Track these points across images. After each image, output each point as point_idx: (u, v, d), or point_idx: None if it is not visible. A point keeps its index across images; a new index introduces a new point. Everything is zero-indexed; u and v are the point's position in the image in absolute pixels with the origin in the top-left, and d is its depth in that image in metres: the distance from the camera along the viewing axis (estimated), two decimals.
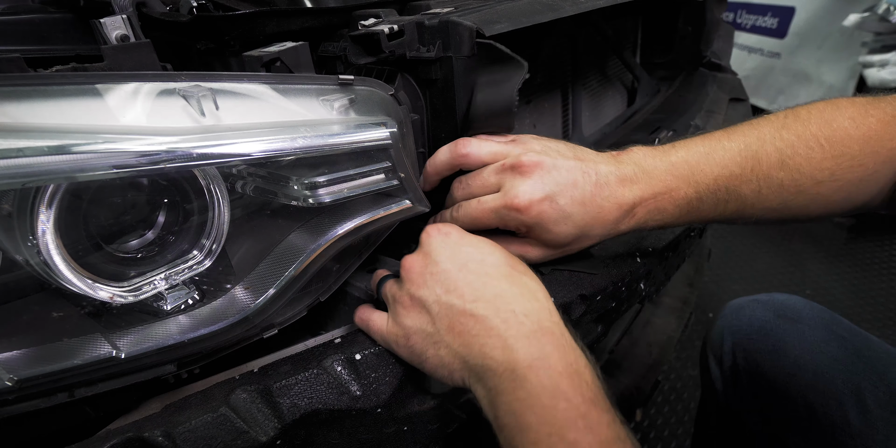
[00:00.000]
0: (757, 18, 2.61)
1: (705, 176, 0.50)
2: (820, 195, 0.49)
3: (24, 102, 0.34)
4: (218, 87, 0.41)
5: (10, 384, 0.36)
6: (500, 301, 0.43)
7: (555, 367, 0.39)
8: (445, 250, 0.47)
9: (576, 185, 0.50)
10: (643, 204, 0.51)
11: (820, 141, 0.48)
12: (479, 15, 0.54)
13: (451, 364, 0.43)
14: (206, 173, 0.44)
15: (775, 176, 0.49)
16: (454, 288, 0.44)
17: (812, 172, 0.49)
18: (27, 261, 0.38)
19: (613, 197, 0.50)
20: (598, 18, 0.97)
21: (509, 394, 0.39)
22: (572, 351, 0.41)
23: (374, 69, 0.57)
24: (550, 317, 0.43)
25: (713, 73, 1.19)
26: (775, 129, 0.50)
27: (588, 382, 0.39)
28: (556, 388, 0.38)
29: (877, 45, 2.01)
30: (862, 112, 0.49)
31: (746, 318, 0.80)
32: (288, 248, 0.47)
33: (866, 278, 1.83)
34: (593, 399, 0.39)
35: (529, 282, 0.46)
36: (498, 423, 0.40)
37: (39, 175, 0.32)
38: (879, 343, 0.70)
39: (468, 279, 0.44)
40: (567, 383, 0.38)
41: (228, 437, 0.44)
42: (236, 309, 0.45)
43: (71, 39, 0.59)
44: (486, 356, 0.41)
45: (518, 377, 0.39)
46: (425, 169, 0.57)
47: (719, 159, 0.50)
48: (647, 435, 1.34)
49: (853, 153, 0.48)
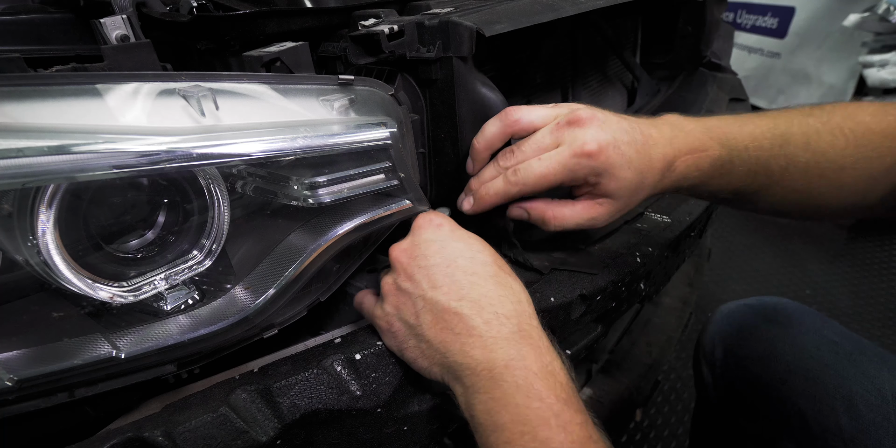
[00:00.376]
0: (757, 18, 2.61)
1: (738, 142, 0.52)
2: (841, 182, 0.52)
3: (25, 102, 0.34)
4: (218, 87, 0.41)
5: (10, 384, 0.36)
6: (484, 301, 0.44)
7: (530, 368, 0.40)
8: (435, 243, 0.47)
9: (629, 133, 0.51)
10: (682, 158, 0.52)
11: (844, 130, 0.51)
12: (479, 15, 0.54)
13: (430, 358, 0.44)
14: (206, 173, 0.44)
15: (801, 156, 0.51)
16: (441, 284, 0.45)
17: (835, 158, 0.51)
18: (27, 261, 0.38)
19: (658, 147, 0.51)
20: (598, 18, 0.97)
21: (485, 392, 0.40)
22: (548, 353, 0.42)
23: (374, 69, 0.57)
24: (530, 320, 0.44)
25: (713, 73, 1.19)
26: (803, 115, 0.53)
27: (562, 383, 0.40)
28: (530, 387, 0.39)
29: (877, 45, 2.01)
30: (882, 110, 0.52)
31: (737, 324, 0.80)
32: (288, 248, 0.47)
33: (866, 278, 1.83)
34: (567, 399, 0.39)
35: (514, 284, 0.47)
36: (474, 422, 0.41)
37: (39, 175, 0.32)
38: (871, 346, 0.70)
39: (456, 276, 0.45)
40: (541, 384, 0.39)
41: (228, 437, 0.44)
42: (236, 309, 0.45)
43: (71, 39, 0.59)
44: (466, 355, 0.42)
45: (495, 376, 0.40)
46: (473, 146, 0.55)
47: (750, 132, 0.52)
48: (647, 435, 1.34)
49: (874, 145, 0.50)
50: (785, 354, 0.72)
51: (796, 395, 0.68)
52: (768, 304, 0.81)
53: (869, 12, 1.97)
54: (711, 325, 0.85)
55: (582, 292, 0.56)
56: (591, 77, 1.02)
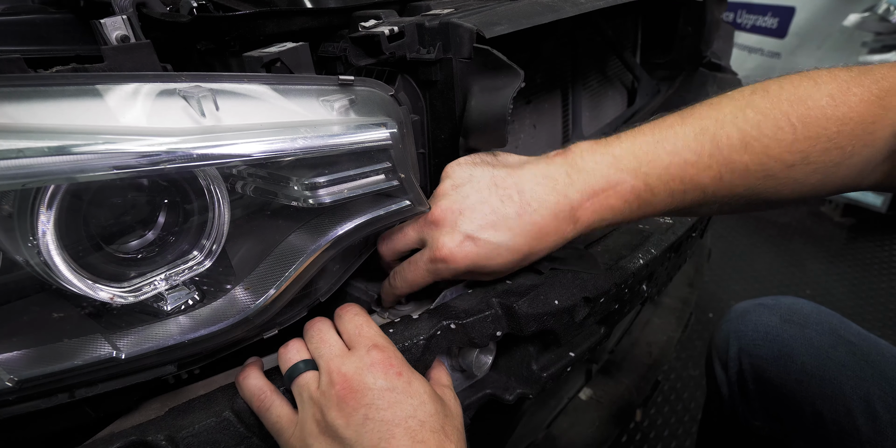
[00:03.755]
0: (757, 18, 2.61)
1: (654, 166, 0.46)
2: (791, 179, 0.45)
3: (25, 103, 0.34)
4: (218, 88, 0.41)
5: (11, 385, 0.36)
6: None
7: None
8: (390, 395, 0.42)
9: (496, 212, 0.48)
10: (584, 205, 0.48)
11: (791, 120, 0.43)
12: (480, 16, 0.54)
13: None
14: (206, 174, 0.44)
15: (738, 160, 0.44)
16: (385, 446, 0.39)
17: (782, 155, 0.44)
18: (27, 261, 0.38)
19: (545, 208, 0.47)
20: (598, 19, 0.97)
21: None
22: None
23: (375, 70, 0.57)
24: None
25: (713, 73, 1.19)
26: (738, 108, 0.45)
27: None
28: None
29: (877, 45, 2.01)
30: (843, 89, 0.43)
31: (752, 324, 0.79)
32: (288, 249, 0.47)
33: (866, 278, 1.83)
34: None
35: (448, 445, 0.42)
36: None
37: (40, 176, 0.32)
38: (889, 347, 0.69)
39: (403, 441, 0.39)
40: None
41: (231, 442, 0.44)
42: (236, 309, 0.45)
43: (71, 40, 0.59)
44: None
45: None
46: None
47: (670, 147, 0.46)
48: (647, 435, 1.34)
49: (829, 135, 0.42)
50: (801, 355, 0.71)
51: (812, 397, 0.67)
52: (784, 304, 0.79)
53: (869, 12, 1.97)
54: (726, 324, 0.83)
55: (585, 295, 0.56)
56: (591, 77, 1.02)
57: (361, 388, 0.42)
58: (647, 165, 0.46)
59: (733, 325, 0.82)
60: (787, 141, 0.43)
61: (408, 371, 0.44)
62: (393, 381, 0.43)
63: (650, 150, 0.47)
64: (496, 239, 0.48)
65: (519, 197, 0.48)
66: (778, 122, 0.43)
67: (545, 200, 0.48)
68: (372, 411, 0.40)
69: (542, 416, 0.91)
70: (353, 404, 0.41)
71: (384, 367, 0.43)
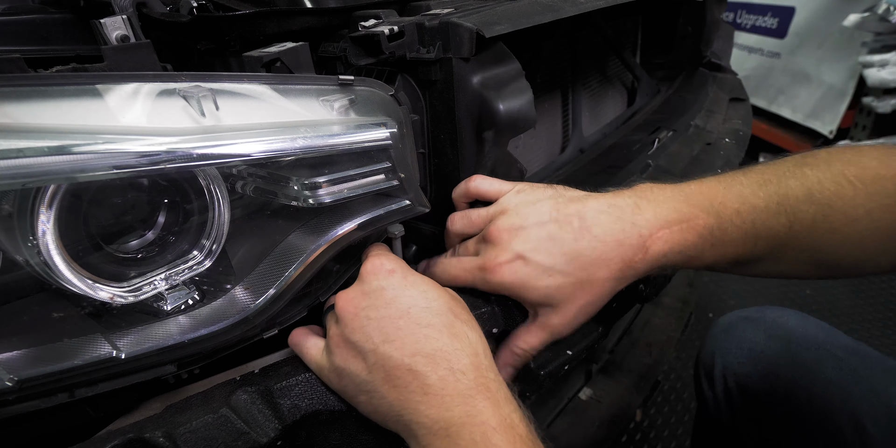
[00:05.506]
0: (757, 18, 2.61)
1: (725, 207, 0.46)
2: (854, 236, 0.45)
3: (25, 103, 0.34)
4: (218, 88, 0.41)
5: (11, 384, 0.36)
6: (439, 356, 0.41)
7: (488, 423, 0.38)
8: (387, 292, 0.45)
9: (552, 237, 0.48)
10: (656, 235, 0.46)
11: (849, 177, 0.44)
12: (480, 16, 0.54)
13: (385, 414, 0.42)
14: (206, 173, 0.44)
15: (805, 210, 0.44)
16: (393, 338, 0.42)
17: (845, 208, 0.44)
18: (27, 261, 0.38)
19: (608, 235, 0.46)
20: (598, 19, 0.97)
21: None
22: (507, 405, 0.40)
23: (375, 70, 0.57)
24: (487, 373, 0.42)
25: (713, 73, 1.19)
26: (795, 166, 0.46)
27: (522, 436, 0.39)
28: (488, 442, 0.38)
29: (877, 45, 2.01)
30: (887, 154, 0.45)
31: (736, 341, 0.78)
32: (288, 249, 0.47)
33: (866, 278, 1.83)
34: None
35: (470, 333, 0.44)
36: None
37: (40, 175, 0.32)
38: (879, 359, 0.68)
39: (409, 329, 0.42)
40: (500, 438, 0.38)
41: (229, 438, 0.44)
42: (236, 309, 0.45)
43: (71, 40, 0.59)
44: (421, 414, 0.40)
45: (451, 435, 0.38)
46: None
47: (738, 192, 0.46)
48: (647, 435, 1.35)
49: (888, 192, 0.43)
50: (786, 372, 0.70)
51: (800, 413, 0.67)
52: (768, 318, 0.78)
53: (869, 12, 1.97)
54: (710, 340, 0.82)
55: None
56: (591, 77, 1.02)
57: (358, 296, 0.46)
58: (718, 205, 0.46)
59: (718, 341, 0.81)
60: (848, 196, 0.44)
61: (401, 268, 0.47)
62: (386, 280, 0.46)
63: (719, 194, 0.47)
64: (547, 262, 0.47)
65: (579, 223, 0.48)
66: (836, 179, 0.44)
67: (609, 228, 0.47)
68: (371, 311, 0.44)
69: (541, 416, 0.91)
70: (354, 311, 0.45)
71: (375, 271, 0.47)
